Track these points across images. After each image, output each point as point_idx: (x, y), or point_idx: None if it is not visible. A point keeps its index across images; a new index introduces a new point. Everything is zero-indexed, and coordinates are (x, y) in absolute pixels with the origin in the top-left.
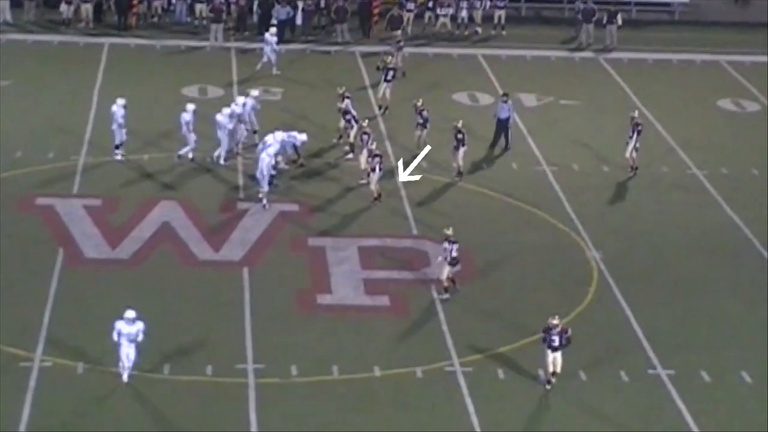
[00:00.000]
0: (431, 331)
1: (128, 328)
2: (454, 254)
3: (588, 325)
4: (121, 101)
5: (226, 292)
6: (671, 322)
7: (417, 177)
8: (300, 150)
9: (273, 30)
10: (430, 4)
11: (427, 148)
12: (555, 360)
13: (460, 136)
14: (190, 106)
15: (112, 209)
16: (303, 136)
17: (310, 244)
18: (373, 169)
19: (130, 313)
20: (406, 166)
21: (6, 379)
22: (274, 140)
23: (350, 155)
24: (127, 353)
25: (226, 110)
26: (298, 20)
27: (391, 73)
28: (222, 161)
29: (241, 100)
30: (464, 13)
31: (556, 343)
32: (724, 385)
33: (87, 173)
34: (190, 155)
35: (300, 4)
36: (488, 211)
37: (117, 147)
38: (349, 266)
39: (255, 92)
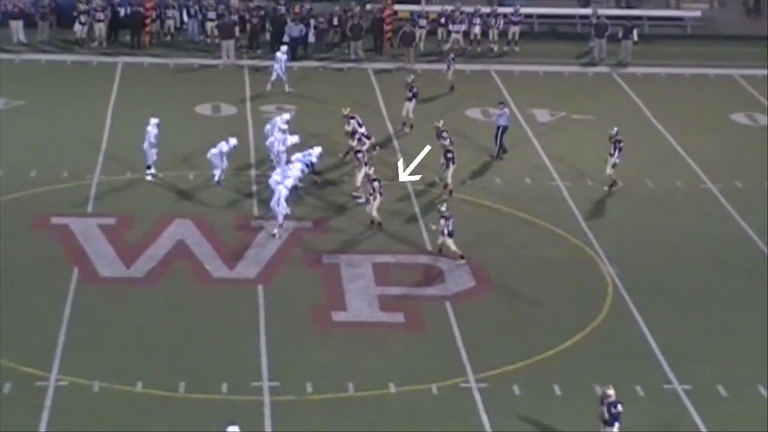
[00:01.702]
0: (446, 347)
1: None
2: (450, 228)
3: (603, 340)
4: (154, 120)
5: (240, 310)
6: (687, 336)
7: (418, 180)
8: (317, 164)
9: (284, 48)
10: (443, 21)
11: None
12: None
13: (449, 155)
14: (233, 140)
15: (127, 228)
16: (318, 150)
17: (325, 261)
18: (373, 195)
19: (234, 429)
20: (415, 179)
21: (22, 399)
22: (292, 171)
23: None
24: None
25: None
26: (311, 38)
27: (410, 91)
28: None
29: (285, 116)
30: (477, 29)
31: (605, 416)
32: (741, 399)
33: (101, 192)
34: (216, 177)
35: (312, 22)
36: (502, 227)
37: (148, 167)
38: (364, 283)
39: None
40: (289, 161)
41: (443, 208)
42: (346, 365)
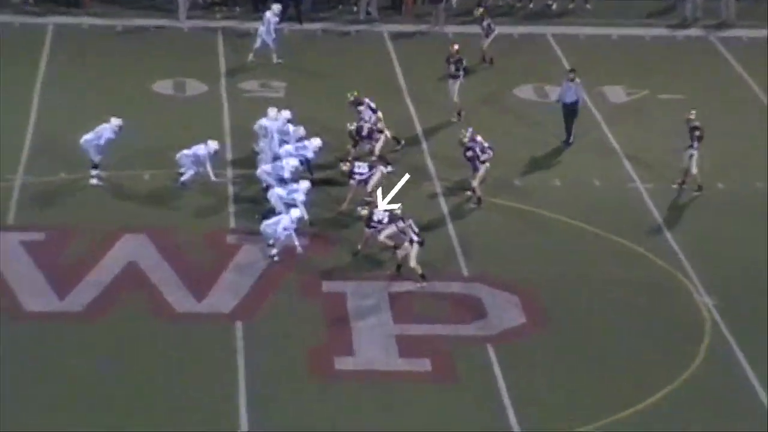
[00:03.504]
0: (487, 402)
1: None
2: (416, 231)
3: (699, 394)
4: (116, 122)
5: (212, 354)
6: None
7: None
8: (314, 159)
9: (276, 7)
10: None
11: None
12: None
13: (469, 153)
14: (213, 145)
15: (60, 246)
16: (316, 141)
17: (325, 289)
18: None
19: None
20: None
21: None
22: (299, 190)
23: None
24: None
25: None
26: None
27: (456, 66)
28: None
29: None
30: None
31: None
32: None
33: (26, 198)
34: (183, 178)
35: None
36: (562, 243)
37: (94, 167)
38: (378, 319)
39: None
40: (277, 157)
41: (398, 211)
42: (354, 427)
